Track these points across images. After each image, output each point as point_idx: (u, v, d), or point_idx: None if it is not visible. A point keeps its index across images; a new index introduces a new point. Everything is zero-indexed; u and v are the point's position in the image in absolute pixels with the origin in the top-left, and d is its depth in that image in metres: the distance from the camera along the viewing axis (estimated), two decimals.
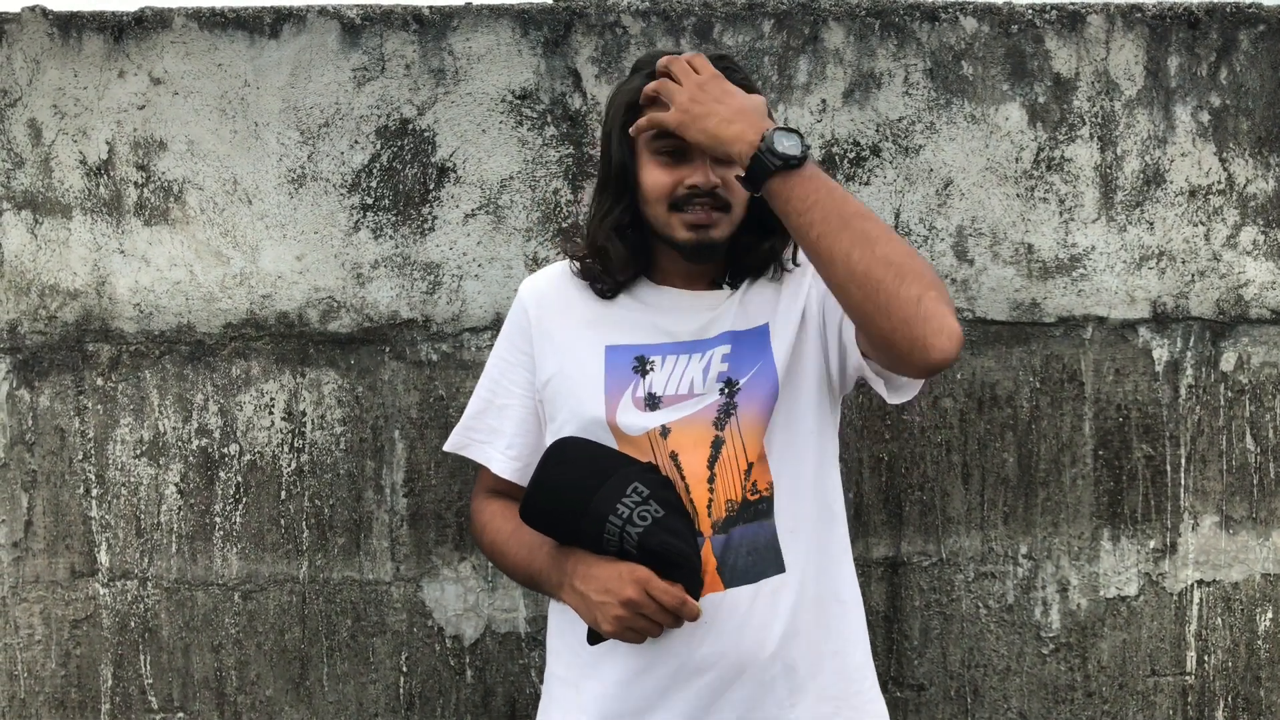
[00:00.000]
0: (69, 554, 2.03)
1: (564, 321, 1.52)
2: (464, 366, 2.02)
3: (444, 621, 2.04)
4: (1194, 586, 2.09)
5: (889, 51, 2.03)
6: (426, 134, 2.02)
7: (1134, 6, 2.06)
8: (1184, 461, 2.09)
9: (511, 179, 2.02)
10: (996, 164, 2.05)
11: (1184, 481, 2.09)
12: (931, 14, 2.03)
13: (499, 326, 1.94)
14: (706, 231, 1.42)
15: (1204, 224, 2.08)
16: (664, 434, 1.42)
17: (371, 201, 2.02)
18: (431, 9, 2.01)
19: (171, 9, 2.00)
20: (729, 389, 1.43)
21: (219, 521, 2.03)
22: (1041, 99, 2.05)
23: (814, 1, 2.03)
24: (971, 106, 2.04)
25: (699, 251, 1.45)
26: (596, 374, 1.46)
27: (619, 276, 1.50)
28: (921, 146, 2.04)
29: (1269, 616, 2.10)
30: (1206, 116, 2.07)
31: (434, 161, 2.02)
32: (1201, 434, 2.09)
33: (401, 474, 2.03)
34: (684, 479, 1.40)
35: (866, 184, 2.04)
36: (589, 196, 1.70)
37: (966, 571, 2.07)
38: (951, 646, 2.07)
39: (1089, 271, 2.06)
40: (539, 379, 1.53)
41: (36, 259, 2.01)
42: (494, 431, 1.58)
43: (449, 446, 1.62)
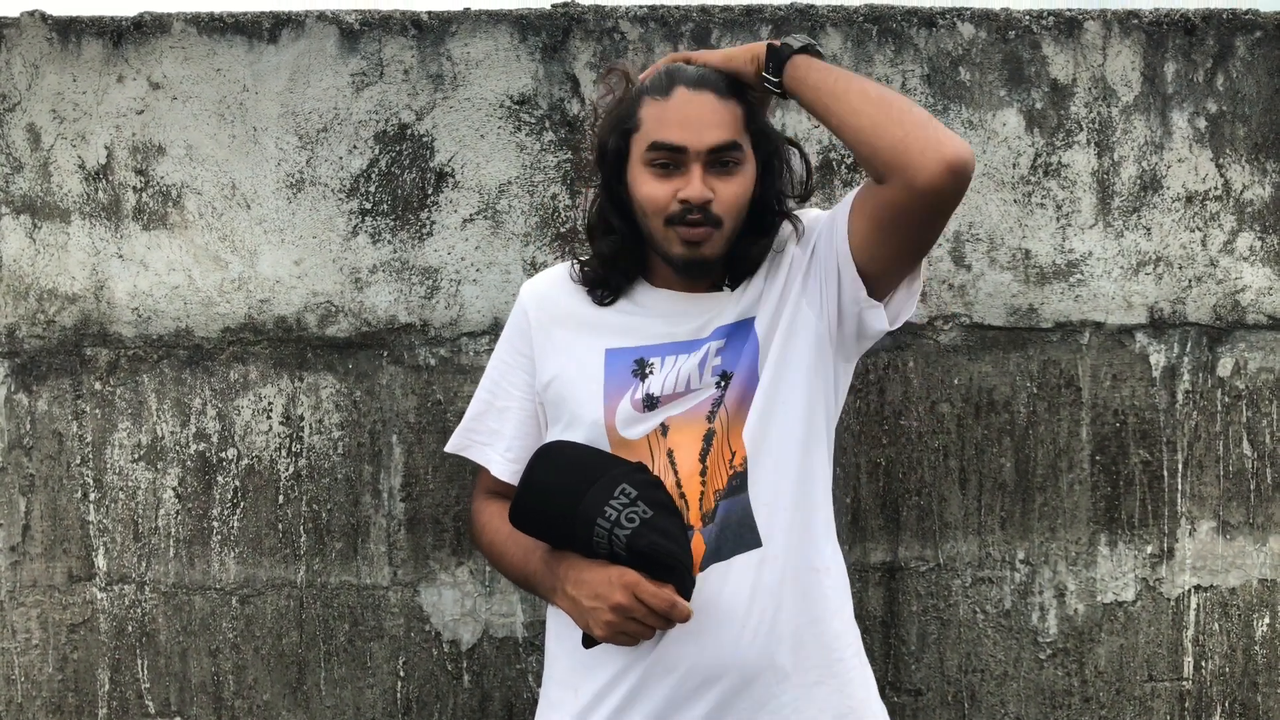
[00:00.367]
0: (66, 558, 2.02)
1: (564, 324, 1.53)
2: (462, 371, 2.02)
3: (441, 626, 2.04)
4: (1191, 592, 2.09)
5: (886, 57, 2.03)
6: (425, 139, 2.02)
7: (1131, 13, 2.06)
8: (1181, 467, 2.09)
9: (510, 184, 2.02)
10: (994, 169, 2.05)
11: (1181, 487, 2.09)
12: (929, 20, 2.03)
13: (497, 331, 1.94)
14: (698, 249, 1.43)
15: (1201, 230, 2.08)
16: (664, 432, 1.43)
17: (370, 206, 2.02)
18: (430, 14, 2.01)
19: (170, 14, 2.00)
20: (724, 381, 1.45)
21: (216, 526, 2.03)
22: (1039, 105, 2.05)
23: (811, 7, 2.03)
24: (969, 112, 2.04)
25: (691, 268, 1.46)
26: (596, 377, 1.47)
27: (621, 283, 1.52)
28: None
29: (1266, 622, 2.10)
30: (1203, 122, 2.07)
31: (432, 166, 2.02)
32: (1198, 439, 2.09)
33: (399, 478, 2.03)
34: (678, 476, 1.41)
35: None
36: (587, 201, 1.70)
37: (964, 577, 2.07)
38: (949, 651, 2.07)
39: (1086, 277, 2.06)
40: (539, 381, 1.53)
41: (35, 263, 2.01)
42: (494, 433, 1.58)
43: (450, 448, 1.63)
